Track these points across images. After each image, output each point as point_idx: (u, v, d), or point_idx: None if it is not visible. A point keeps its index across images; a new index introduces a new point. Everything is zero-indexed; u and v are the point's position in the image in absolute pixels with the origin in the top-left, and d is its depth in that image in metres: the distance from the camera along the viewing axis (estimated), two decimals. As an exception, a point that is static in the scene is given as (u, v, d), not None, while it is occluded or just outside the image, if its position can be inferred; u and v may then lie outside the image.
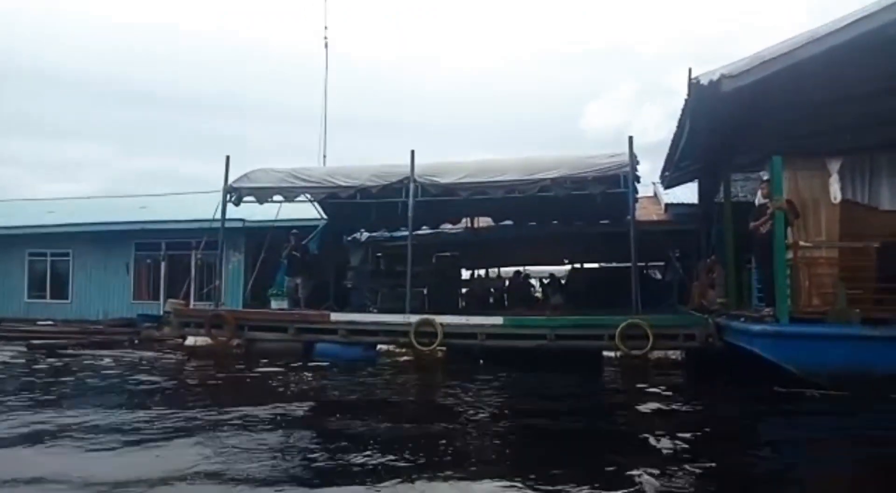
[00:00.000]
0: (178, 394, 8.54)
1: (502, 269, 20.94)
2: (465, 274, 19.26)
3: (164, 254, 19.05)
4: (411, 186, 11.70)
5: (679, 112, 9.34)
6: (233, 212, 16.08)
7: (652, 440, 5.87)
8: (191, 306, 17.30)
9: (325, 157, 21.06)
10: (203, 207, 19.64)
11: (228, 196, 12.71)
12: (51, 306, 19.48)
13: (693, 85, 8.03)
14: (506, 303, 17.03)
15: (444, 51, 74.58)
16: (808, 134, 8.21)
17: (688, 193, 15.76)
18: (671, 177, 13.95)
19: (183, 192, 23.61)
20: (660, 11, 73.72)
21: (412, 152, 11.83)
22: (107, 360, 11.21)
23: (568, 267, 21.31)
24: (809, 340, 7.43)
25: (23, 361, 11.20)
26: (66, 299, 19.64)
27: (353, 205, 13.08)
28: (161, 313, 18.04)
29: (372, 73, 62.90)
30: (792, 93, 7.97)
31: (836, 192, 8.00)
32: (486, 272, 20.27)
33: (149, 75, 59.72)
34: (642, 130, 74.90)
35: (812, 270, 8.05)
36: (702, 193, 14.44)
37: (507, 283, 18.96)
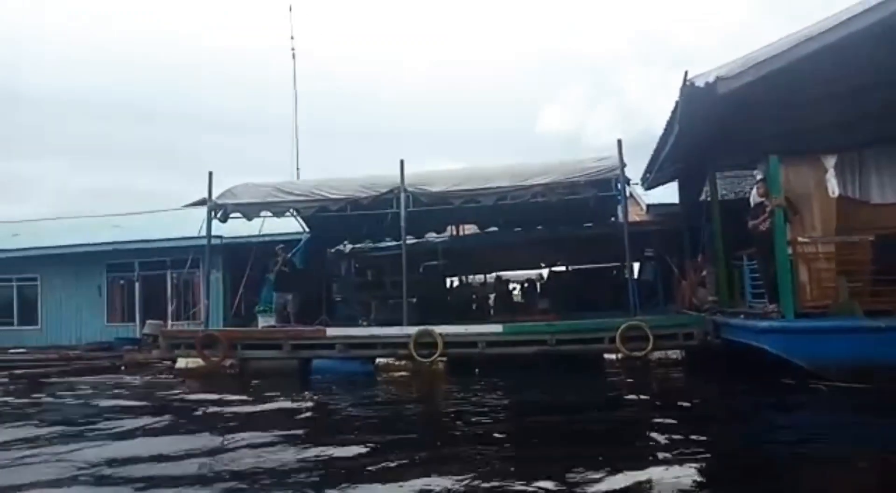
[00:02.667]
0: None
1: (485, 276, 20.92)
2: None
3: (137, 274, 18.57)
4: (402, 196, 11.60)
5: (657, 116, 9.51)
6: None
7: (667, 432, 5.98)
8: (169, 327, 16.97)
9: (298, 169, 20.92)
10: (177, 224, 19.31)
11: (213, 213, 12.35)
12: (19, 332, 18.78)
13: (687, 87, 8.16)
14: (491, 311, 17.02)
15: (395, 59, 74.68)
16: (799, 131, 8.42)
17: (666, 193, 16.02)
18: (653, 178, 14.13)
19: (153, 210, 23.09)
20: (605, 12, 75.15)
21: (401, 162, 11.75)
22: (118, 390, 10.41)
23: (545, 271, 21.52)
24: (817, 334, 7.58)
25: (12, 398, 9.83)
26: (36, 324, 18.99)
27: (335, 217, 12.92)
28: (138, 335, 17.61)
29: (330, 83, 62.57)
30: (783, 92, 8.13)
31: (833, 187, 8.22)
32: (466, 279, 20.21)
33: (102, 86, 58.24)
34: (596, 131, 76.24)
35: (812, 265, 8.22)
36: (683, 192, 14.68)
37: (509, 289, 19.01)
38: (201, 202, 26.37)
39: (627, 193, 13.13)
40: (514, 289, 21.85)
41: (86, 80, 55.74)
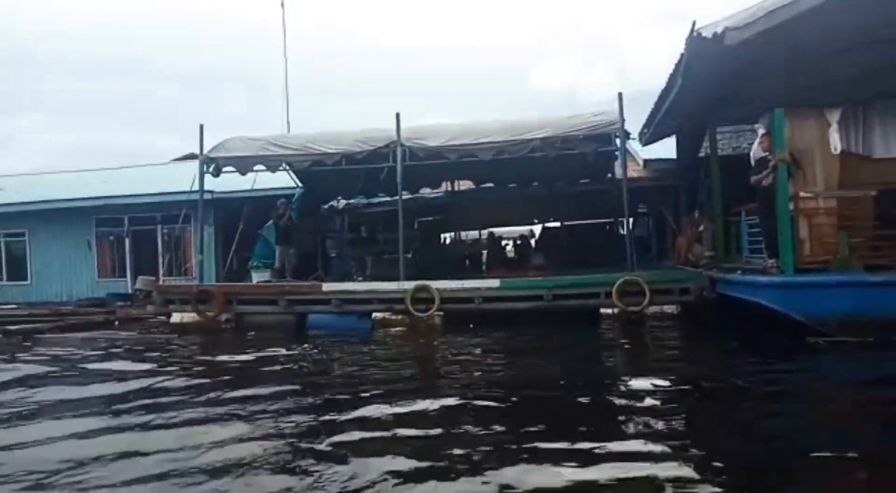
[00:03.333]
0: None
1: (479, 232, 20.87)
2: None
3: (127, 230, 18.35)
4: (398, 150, 11.41)
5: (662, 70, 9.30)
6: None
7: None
8: (161, 283, 16.86)
9: (288, 123, 20.49)
10: (166, 179, 18.99)
11: (206, 166, 12.12)
12: (8, 288, 18.66)
13: (694, 39, 7.96)
14: (483, 267, 17.01)
15: (392, 15, 72.87)
16: (805, 86, 8.25)
17: (662, 149, 15.90)
18: (651, 133, 13.97)
19: (141, 164, 22.72)
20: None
21: (397, 115, 11.52)
22: (122, 344, 10.24)
23: (538, 227, 21.48)
24: (816, 289, 7.59)
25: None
26: (25, 280, 18.80)
27: (329, 172, 12.72)
28: (130, 290, 17.52)
29: (323, 37, 61.10)
30: (790, 44, 7.94)
31: (836, 142, 8.12)
32: (458, 235, 20.14)
33: (81, 41, 56.62)
34: (591, 89, 75.42)
35: (812, 220, 8.18)
36: (680, 148, 14.57)
37: (502, 245, 18.97)
38: (191, 157, 26.14)
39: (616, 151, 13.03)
40: (507, 245, 21.88)
41: (64, 34, 54.07)
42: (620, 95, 11.08)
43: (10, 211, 18.12)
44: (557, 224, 19.34)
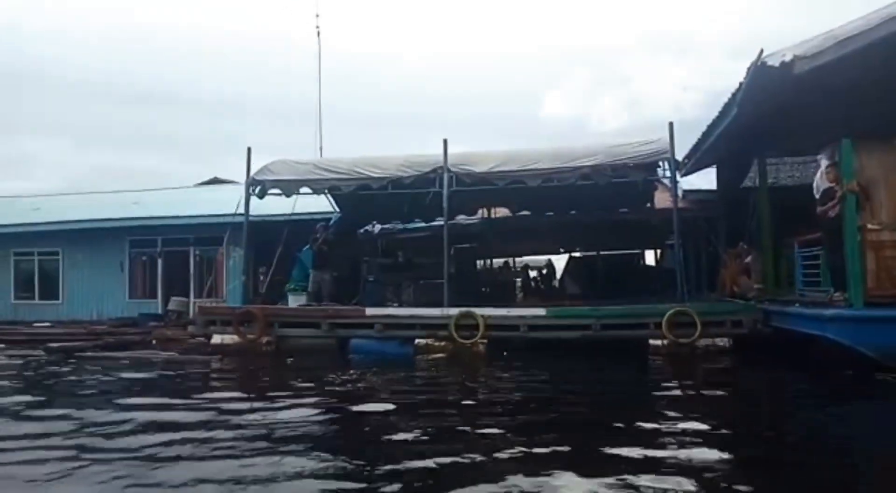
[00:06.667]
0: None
1: (509, 260, 20.75)
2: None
3: (160, 251, 18.40)
4: (445, 175, 11.38)
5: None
6: (231, 207, 15.55)
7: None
8: (192, 304, 16.85)
9: (321, 149, 20.58)
10: (192, 202, 19.11)
11: (252, 189, 12.15)
12: (40, 307, 18.67)
13: (759, 67, 7.90)
14: (519, 294, 16.86)
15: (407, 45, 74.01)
16: (871, 116, 8.17)
17: (696, 180, 15.77)
18: (692, 164, 13.87)
19: (174, 187, 22.96)
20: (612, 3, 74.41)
21: (444, 141, 11.53)
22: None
23: (561, 256, 21.32)
24: (888, 323, 7.38)
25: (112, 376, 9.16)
26: (57, 299, 18.85)
27: (370, 196, 12.71)
28: (160, 311, 17.49)
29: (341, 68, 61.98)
30: (858, 74, 7.88)
31: (906, 173, 7.97)
32: (491, 263, 20.02)
33: (102, 66, 57.74)
34: (601, 118, 75.86)
35: (879, 253, 7.99)
36: (722, 178, 14.44)
37: (529, 274, 18.82)
38: (214, 181, 26.34)
39: (662, 179, 12.91)
40: (535, 274, 21.71)
41: (88, 59, 55.24)
42: (671, 124, 11.03)
43: (47, 230, 18.24)
44: (587, 253, 19.22)
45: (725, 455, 4.81)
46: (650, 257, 21.74)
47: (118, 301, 18.40)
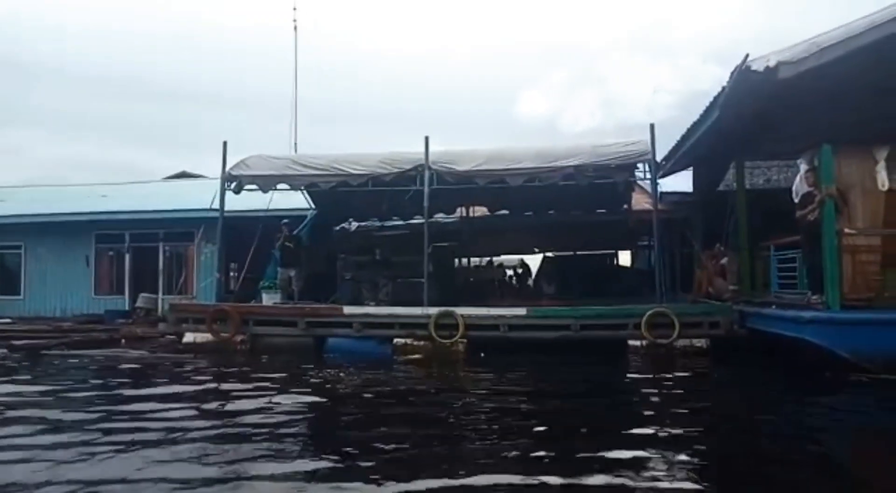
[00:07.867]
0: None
1: (487, 259, 20.70)
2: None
3: (128, 246, 17.92)
4: (426, 173, 11.28)
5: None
6: (205, 202, 15.18)
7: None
8: (160, 301, 16.47)
9: (295, 144, 20.30)
10: (164, 196, 18.67)
11: (227, 184, 11.89)
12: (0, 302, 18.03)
13: (742, 72, 7.95)
14: (498, 293, 16.80)
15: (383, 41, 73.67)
16: (851, 123, 8.29)
17: (670, 181, 15.91)
18: (670, 166, 13.98)
19: (139, 181, 22.41)
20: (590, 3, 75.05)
21: (426, 138, 11.42)
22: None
23: (530, 256, 21.37)
24: (863, 326, 7.52)
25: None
26: (18, 294, 18.24)
27: (347, 194, 12.56)
28: (127, 307, 17.03)
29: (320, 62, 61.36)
30: (840, 81, 7.97)
31: (883, 179, 8.12)
32: (468, 262, 19.95)
33: (79, 58, 56.29)
34: (574, 118, 76.56)
35: (855, 257, 8.14)
36: (698, 181, 14.60)
37: (505, 273, 18.79)
38: (183, 175, 25.81)
39: (640, 181, 13.01)
40: (510, 273, 21.72)
41: (63, 49, 53.70)
42: (652, 126, 11.09)
43: (8, 222, 17.64)
44: (560, 253, 19.27)
45: (701, 453, 4.89)
46: (624, 258, 22.02)
47: (83, 297, 17.87)
